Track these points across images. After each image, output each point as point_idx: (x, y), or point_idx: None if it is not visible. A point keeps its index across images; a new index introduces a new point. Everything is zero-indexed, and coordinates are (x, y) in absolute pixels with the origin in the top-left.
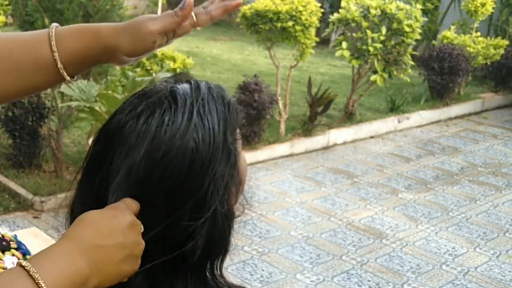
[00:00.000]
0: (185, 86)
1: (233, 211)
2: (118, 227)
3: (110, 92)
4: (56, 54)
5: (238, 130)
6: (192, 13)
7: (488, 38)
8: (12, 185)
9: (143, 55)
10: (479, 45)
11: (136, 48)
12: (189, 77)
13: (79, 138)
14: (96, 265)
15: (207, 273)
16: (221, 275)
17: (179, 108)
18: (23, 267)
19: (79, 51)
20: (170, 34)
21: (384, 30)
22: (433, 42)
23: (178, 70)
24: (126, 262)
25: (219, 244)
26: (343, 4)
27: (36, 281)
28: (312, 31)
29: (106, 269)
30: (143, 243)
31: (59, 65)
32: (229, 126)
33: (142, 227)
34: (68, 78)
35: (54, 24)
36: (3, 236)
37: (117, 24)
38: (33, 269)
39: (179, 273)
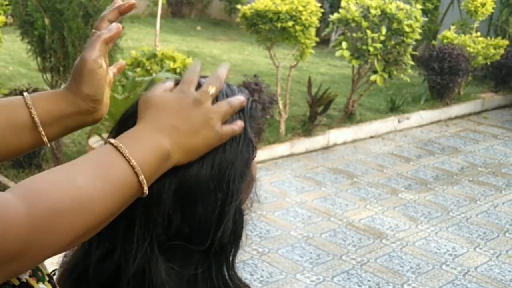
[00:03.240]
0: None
1: (243, 205)
2: (184, 107)
3: (110, 92)
4: (33, 110)
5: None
6: (94, 30)
7: (488, 38)
8: (12, 185)
9: (101, 88)
10: (479, 45)
11: (92, 83)
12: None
13: (79, 138)
14: (175, 142)
15: (222, 268)
16: (234, 270)
17: None
18: (112, 145)
19: (52, 110)
20: (105, 56)
21: (384, 30)
22: (433, 42)
23: (178, 70)
24: (199, 136)
25: (236, 239)
26: (343, 4)
27: (126, 157)
28: (312, 31)
29: (183, 143)
30: (211, 115)
31: (37, 121)
32: (252, 120)
33: (211, 90)
34: (46, 140)
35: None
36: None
37: (68, 83)
38: (122, 146)
39: (191, 258)
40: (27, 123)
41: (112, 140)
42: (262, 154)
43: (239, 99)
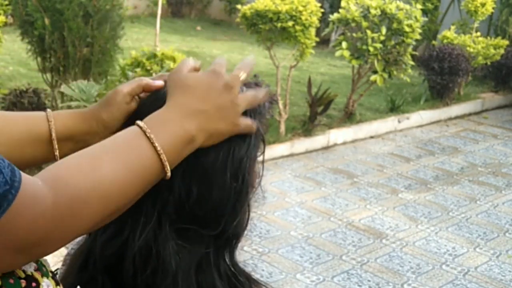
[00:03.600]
0: None
1: (251, 192)
2: (214, 91)
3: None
4: (52, 124)
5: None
6: (155, 76)
7: (488, 38)
8: None
9: (118, 121)
10: (479, 45)
11: (112, 113)
12: None
13: None
14: (200, 125)
15: (226, 256)
16: (235, 260)
17: None
18: (139, 127)
19: (70, 127)
20: (138, 96)
21: (384, 30)
22: (433, 42)
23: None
24: (225, 121)
25: (238, 219)
26: (343, 4)
27: (151, 140)
28: (312, 31)
29: (209, 128)
30: (239, 102)
31: (53, 134)
32: (262, 117)
33: (242, 75)
34: (57, 155)
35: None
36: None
37: (95, 104)
38: (148, 130)
39: (201, 241)
40: (45, 136)
41: (140, 123)
42: None
43: (264, 92)
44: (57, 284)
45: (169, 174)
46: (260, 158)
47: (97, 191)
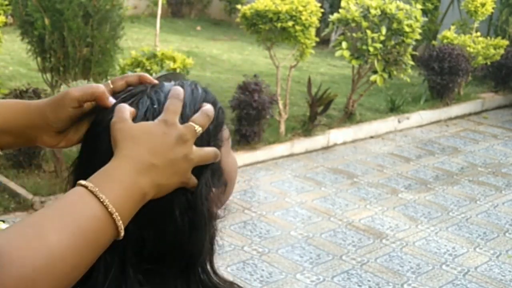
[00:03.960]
0: (169, 85)
1: (214, 212)
2: (167, 144)
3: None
4: None
5: (226, 130)
6: (109, 81)
7: (488, 38)
8: (12, 185)
9: (63, 123)
10: (479, 45)
11: (57, 114)
12: (178, 77)
13: None
14: (152, 181)
15: (199, 273)
16: (215, 273)
17: (160, 108)
18: (85, 187)
19: (9, 119)
20: (88, 103)
21: (384, 30)
22: (433, 42)
23: (178, 70)
24: (177, 175)
25: (199, 245)
26: (343, 4)
27: (101, 200)
28: (312, 31)
29: (160, 183)
30: (192, 156)
31: None
32: (214, 126)
33: (198, 128)
34: None
35: None
36: None
37: (47, 98)
38: (97, 189)
39: (168, 278)
40: None
41: (86, 183)
42: (262, 154)
43: (209, 114)
44: None
45: (122, 234)
46: (229, 163)
47: (47, 267)
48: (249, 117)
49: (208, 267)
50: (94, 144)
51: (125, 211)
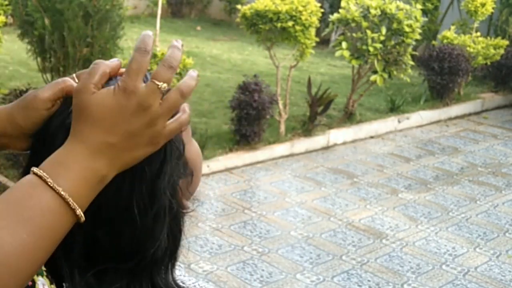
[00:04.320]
0: None
1: (182, 206)
2: (124, 116)
3: None
4: None
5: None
6: (74, 75)
7: (488, 38)
8: (12, 185)
9: (36, 126)
10: (479, 45)
11: (30, 119)
12: None
13: None
14: (111, 161)
15: (155, 278)
16: (173, 279)
17: None
18: (38, 176)
19: None
20: (61, 100)
21: (384, 30)
22: (433, 42)
23: (178, 70)
24: (142, 147)
25: (173, 249)
26: (343, 4)
27: (56, 190)
28: (312, 31)
29: (121, 160)
30: (158, 121)
31: None
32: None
33: (162, 85)
34: None
35: None
36: None
37: (11, 103)
38: (50, 179)
39: (121, 276)
40: None
41: (37, 171)
42: (262, 154)
43: (191, 81)
44: (51, 282)
45: (82, 218)
46: (193, 152)
47: (2, 268)
48: (249, 117)
49: (167, 273)
50: (46, 128)
51: (82, 197)
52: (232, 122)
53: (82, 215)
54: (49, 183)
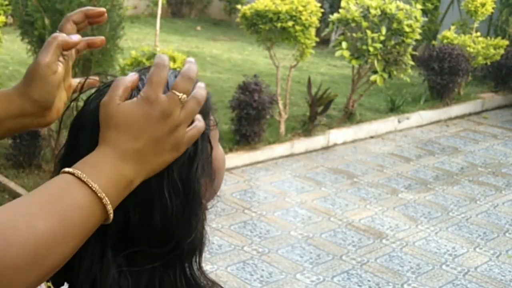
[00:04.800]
0: None
1: (204, 204)
2: (149, 124)
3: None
4: None
5: (213, 118)
6: (57, 31)
7: (488, 38)
8: (12, 185)
9: (52, 95)
10: (479, 45)
11: (43, 89)
12: None
13: None
14: (137, 167)
15: (185, 267)
16: (200, 270)
17: None
18: (71, 174)
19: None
20: (61, 58)
21: (384, 30)
22: (433, 42)
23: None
24: (166, 152)
25: (188, 230)
26: (343, 4)
27: (90, 185)
28: (312, 31)
29: (148, 165)
30: (180, 128)
31: None
32: (201, 110)
33: (181, 96)
34: None
35: None
36: None
37: (18, 83)
38: (85, 176)
39: (152, 261)
40: None
41: (71, 170)
42: (262, 154)
43: (203, 91)
44: (47, 280)
45: (111, 216)
46: (217, 154)
47: (32, 256)
48: (249, 117)
49: (195, 264)
50: (78, 134)
51: (111, 197)
52: (232, 122)
53: (112, 213)
54: (84, 179)
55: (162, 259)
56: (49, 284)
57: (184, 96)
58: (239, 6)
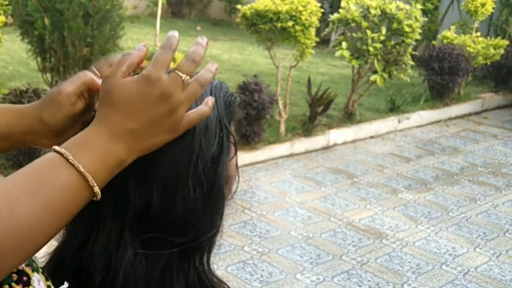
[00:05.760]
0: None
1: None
2: (147, 104)
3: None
4: None
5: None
6: (94, 68)
7: (488, 38)
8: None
9: (62, 123)
10: (479, 45)
11: (55, 115)
12: None
13: None
14: (130, 146)
15: (197, 260)
16: (209, 267)
17: None
18: (59, 153)
19: (3, 125)
20: (85, 93)
21: (384, 30)
22: (433, 42)
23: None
24: (161, 134)
25: (207, 222)
26: (343, 4)
27: (75, 166)
28: (312, 31)
29: (141, 145)
30: (179, 110)
31: None
32: (225, 116)
33: (184, 77)
34: None
35: None
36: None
37: (37, 101)
38: (71, 157)
39: (169, 248)
40: None
41: (58, 149)
42: (262, 154)
43: (209, 75)
44: (46, 279)
45: (99, 195)
46: (233, 161)
47: (15, 239)
48: (249, 117)
49: (205, 260)
50: None
51: (99, 177)
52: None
53: (99, 193)
54: (70, 160)
55: (179, 247)
56: (49, 283)
57: (188, 77)
58: (239, 6)
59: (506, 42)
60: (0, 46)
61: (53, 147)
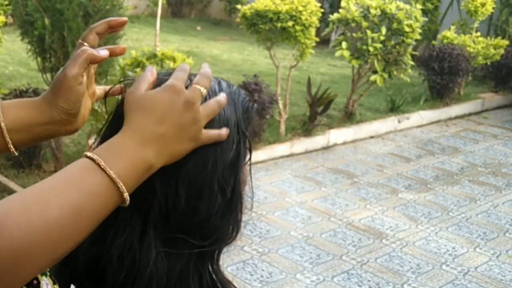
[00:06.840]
0: None
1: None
2: (174, 110)
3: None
4: (0, 117)
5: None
6: (80, 40)
7: (488, 38)
8: (12, 185)
9: (78, 104)
10: (479, 45)
11: (69, 99)
12: None
13: (79, 138)
14: (158, 151)
15: (211, 262)
16: (218, 268)
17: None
18: (91, 159)
19: (23, 117)
20: (87, 70)
21: (384, 30)
22: (433, 42)
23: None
24: (186, 140)
25: (227, 227)
26: (343, 4)
27: (107, 173)
28: (312, 31)
29: (168, 151)
30: (200, 118)
31: (2, 126)
32: (242, 122)
33: (203, 90)
34: (11, 147)
35: None
36: None
37: (46, 91)
38: (103, 162)
39: (189, 249)
40: None
41: (91, 155)
42: (262, 154)
43: (224, 100)
44: (54, 283)
45: (127, 201)
46: (247, 165)
47: (44, 241)
48: None
49: (215, 259)
50: (119, 119)
51: (129, 182)
52: None
53: (128, 199)
54: (102, 166)
55: (198, 249)
56: (56, 286)
57: (205, 91)
58: (239, 6)
59: (506, 42)
60: (0, 46)
61: (85, 153)
